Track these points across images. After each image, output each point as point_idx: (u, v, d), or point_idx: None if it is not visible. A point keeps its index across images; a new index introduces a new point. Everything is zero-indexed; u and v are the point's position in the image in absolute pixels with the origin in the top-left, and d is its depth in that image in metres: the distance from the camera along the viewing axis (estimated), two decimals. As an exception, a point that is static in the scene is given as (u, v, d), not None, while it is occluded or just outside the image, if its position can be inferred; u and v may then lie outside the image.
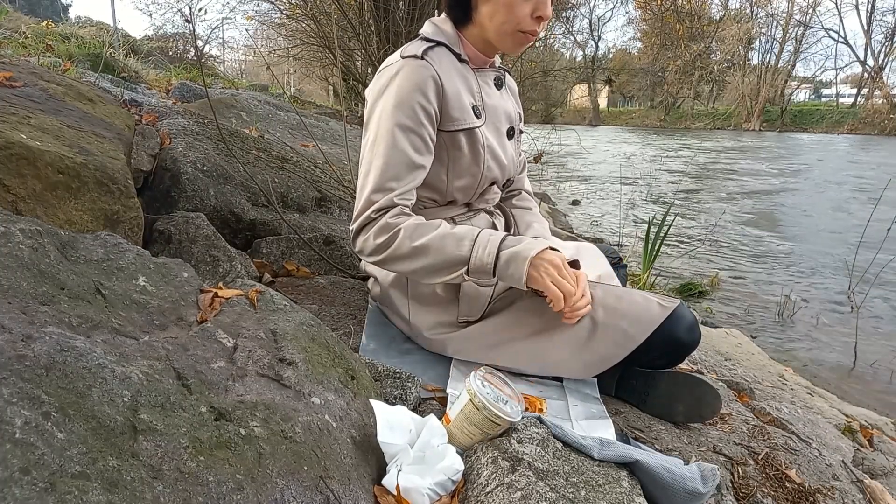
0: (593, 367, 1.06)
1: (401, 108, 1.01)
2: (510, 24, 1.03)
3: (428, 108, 1.02)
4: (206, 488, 0.54)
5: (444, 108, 1.05)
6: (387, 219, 1.01)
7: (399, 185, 1.02)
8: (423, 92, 1.02)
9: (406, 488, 0.70)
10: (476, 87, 1.11)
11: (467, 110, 1.08)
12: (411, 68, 1.02)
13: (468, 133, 1.08)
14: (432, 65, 1.03)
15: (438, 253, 0.98)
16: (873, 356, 2.99)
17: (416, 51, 1.04)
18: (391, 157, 1.01)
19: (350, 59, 4.05)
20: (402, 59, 1.04)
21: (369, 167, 1.04)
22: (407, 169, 1.02)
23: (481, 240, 0.98)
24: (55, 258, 0.71)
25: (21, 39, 3.97)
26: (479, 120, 1.10)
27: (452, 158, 1.09)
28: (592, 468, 0.78)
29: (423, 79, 1.02)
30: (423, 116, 1.02)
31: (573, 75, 12.82)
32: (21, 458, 0.44)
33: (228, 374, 0.69)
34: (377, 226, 1.01)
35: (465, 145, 1.09)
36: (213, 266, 1.29)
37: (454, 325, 1.14)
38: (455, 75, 1.07)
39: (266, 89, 7.40)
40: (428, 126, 1.03)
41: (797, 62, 32.82)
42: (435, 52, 1.06)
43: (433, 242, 0.98)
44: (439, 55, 1.06)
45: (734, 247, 5.35)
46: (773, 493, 0.98)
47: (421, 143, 1.03)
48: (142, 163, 1.59)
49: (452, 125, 1.06)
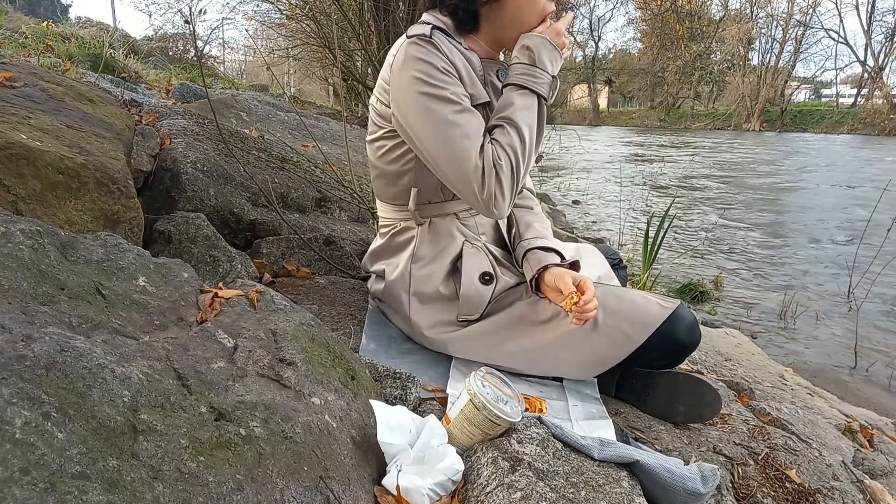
0: (593, 367, 1.06)
1: (426, 82, 1.00)
2: (534, 16, 1.06)
3: (450, 70, 1.02)
4: (206, 488, 0.54)
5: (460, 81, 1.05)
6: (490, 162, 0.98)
7: (473, 134, 1.00)
8: (441, 59, 1.01)
9: (406, 488, 0.70)
10: (481, 71, 1.11)
11: (479, 87, 1.08)
12: (420, 45, 1.01)
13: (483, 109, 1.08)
14: (439, 44, 1.02)
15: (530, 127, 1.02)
16: (873, 356, 2.99)
17: (422, 31, 1.03)
18: (454, 116, 0.99)
19: (350, 59, 4.05)
20: (407, 40, 1.03)
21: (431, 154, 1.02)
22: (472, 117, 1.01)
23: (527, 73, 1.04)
24: (55, 258, 0.71)
25: (21, 40, 3.97)
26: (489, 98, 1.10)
27: None
28: (592, 468, 0.78)
29: (434, 52, 1.01)
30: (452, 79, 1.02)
31: (573, 75, 12.82)
32: (21, 458, 0.44)
33: (228, 374, 0.69)
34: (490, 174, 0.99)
35: None
36: (213, 266, 1.29)
37: (455, 325, 1.14)
38: (460, 56, 1.07)
39: (266, 89, 7.41)
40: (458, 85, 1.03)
41: (797, 62, 32.84)
42: (438, 33, 1.05)
43: (515, 120, 1.01)
44: (442, 38, 1.06)
45: (734, 247, 5.35)
46: (773, 493, 0.98)
47: (457, 100, 1.01)
48: (142, 163, 1.59)
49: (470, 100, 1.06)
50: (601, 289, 1.11)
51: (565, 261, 1.11)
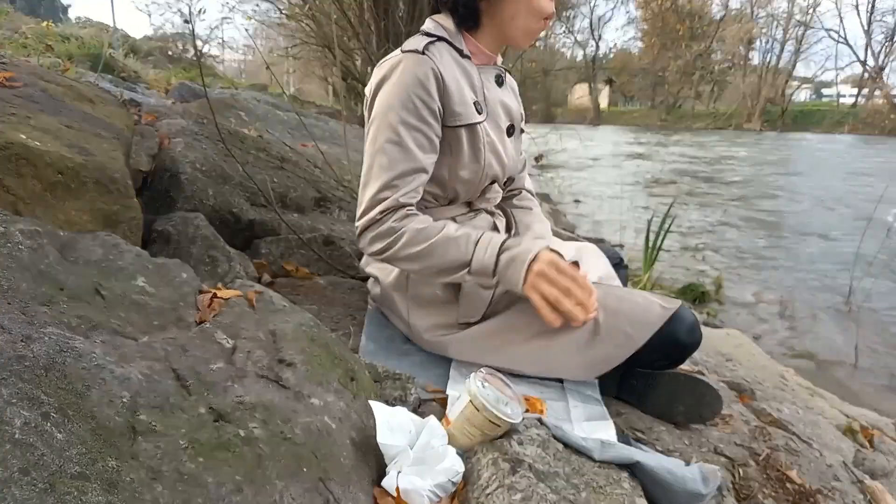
0: (594, 368, 1.06)
1: (404, 105, 1.01)
2: (532, 16, 1.05)
3: (430, 103, 1.02)
4: (206, 490, 0.53)
5: (446, 103, 1.04)
6: (392, 222, 1.00)
7: (404, 185, 1.01)
8: (424, 87, 1.01)
9: (406, 490, 0.70)
10: (478, 82, 1.11)
11: (469, 105, 1.07)
12: (412, 63, 1.01)
13: (469, 129, 1.08)
14: (433, 59, 1.02)
15: (441, 256, 0.98)
16: (874, 356, 2.99)
17: (416, 45, 1.03)
18: (395, 155, 1.01)
19: (350, 58, 4.05)
20: (402, 54, 1.04)
21: (372, 163, 1.03)
22: (412, 168, 1.01)
23: (483, 242, 0.98)
24: (54, 259, 0.71)
25: (21, 40, 3.97)
26: (480, 116, 1.09)
27: (454, 154, 1.09)
28: (593, 469, 0.78)
29: (424, 73, 1.01)
30: (427, 113, 1.02)
31: (574, 75, 12.84)
32: (21, 458, 0.44)
33: (228, 375, 0.69)
34: (382, 227, 1.01)
35: (466, 141, 1.08)
36: (212, 266, 1.29)
37: (454, 327, 1.14)
38: (457, 70, 1.07)
39: (265, 89, 7.40)
40: (432, 122, 1.03)
41: (798, 62, 32.80)
42: (436, 46, 1.05)
43: (436, 246, 0.98)
44: (440, 50, 1.06)
45: (735, 247, 5.34)
46: (774, 493, 0.98)
47: (425, 140, 1.03)
48: (141, 163, 1.58)
49: (455, 120, 1.06)
50: (602, 289, 1.11)
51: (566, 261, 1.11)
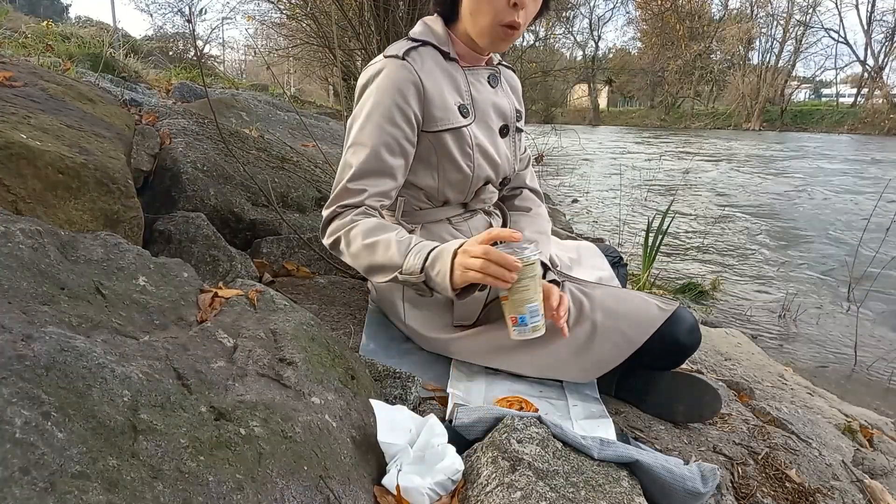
0: (593, 370, 1.06)
1: (378, 108, 1.02)
2: (488, 17, 1.01)
3: (405, 109, 1.03)
4: (206, 488, 0.54)
5: (426, 108, 1.05)
6: (349, 217, 1.02)
7: (370, 187, 1.03)
8: (401, 93, 1.02)
9: (406, 488, 0.70)
10: (464, 85, 1.11)
11: (451, 110, 1.07)
12: (391, 69, 1.03)
13: (454, 133, 1.08)
14: (413, 65, 1.03)
15: (381, 256, 0.98)
16: (873, 356, 2.99)
17: (397, 51, 1.04)
18: (364, 156, 1.02)
19: (350, 58, 4.05)
20: (384, 59, 1.05)
21: (343, 163, 1.06)
22: (378, 169, 1.03)
23: (416, 247, 0.96)
24: (55, 258, 0.71)
25: (21, 39, 3.97)
26: (465, 119, 1.09)
27: (441, 159, 1.09)
28: (592, 468, 0.78)
29: (401, 79, 1.02)
30: (400, 118, 1.03)
31: (573, 75, 12.84)
32: (21, 457, 0.45)
33: (228, 373, 0.69)
34: (340, 221, 1.03)
35: (453, 145, 1.08)
36: (213, 266, 1.30)
37: (450, 329, 1.14)
38: (439, 74, 1.07)
39: (266, 89, 7.40)
40: (405, 127, 1.04)
41: (797, 62, 32.78)
42: (418, 51, 1.06)
43: (377, 246, 0.98)
44: (423, 55, 1.06)
45: (734, 246, 5.34)
46: (773, 492, 0.98)
47: (395, 144, 1.03)
48: (142, 163, 1.59)
49: (436, 125, 1.06)
50: (601, 290, 1.11)
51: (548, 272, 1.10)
